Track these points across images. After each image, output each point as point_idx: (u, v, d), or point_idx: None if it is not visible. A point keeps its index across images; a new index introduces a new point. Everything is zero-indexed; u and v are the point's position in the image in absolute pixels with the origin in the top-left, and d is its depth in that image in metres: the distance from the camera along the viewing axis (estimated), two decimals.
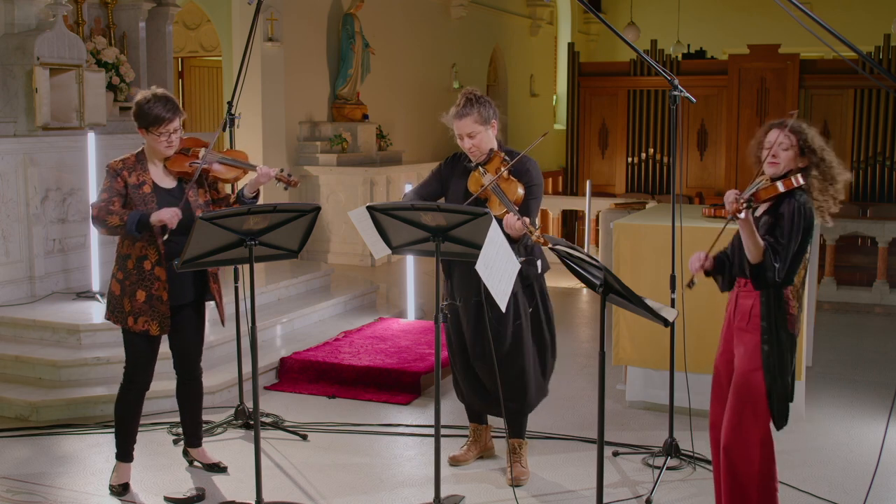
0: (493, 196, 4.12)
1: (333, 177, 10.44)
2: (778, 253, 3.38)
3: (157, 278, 4.11)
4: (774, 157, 3.52)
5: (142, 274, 4.12)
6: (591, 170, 14.21)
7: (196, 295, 4.30)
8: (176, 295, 4.19)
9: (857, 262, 10.05)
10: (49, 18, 6.96)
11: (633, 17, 17.27)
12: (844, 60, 10.53)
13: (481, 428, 4.70)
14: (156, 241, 4.09)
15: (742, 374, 3.51)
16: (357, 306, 7.76)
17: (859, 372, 6.41)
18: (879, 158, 12.88)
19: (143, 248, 4.10)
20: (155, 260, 4.10)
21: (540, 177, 4.32)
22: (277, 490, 4.35)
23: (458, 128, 4.25)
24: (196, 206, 4.20)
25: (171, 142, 4.14)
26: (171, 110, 4.11)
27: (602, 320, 3.32)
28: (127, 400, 4.29)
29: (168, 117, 4.09)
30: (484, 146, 4.25)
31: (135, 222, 4.00)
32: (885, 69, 4.13)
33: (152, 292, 4.12)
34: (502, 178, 4.14)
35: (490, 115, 4.25)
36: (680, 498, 4.27)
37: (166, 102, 4.12)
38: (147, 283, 4.12)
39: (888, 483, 4.41)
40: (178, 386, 4.48)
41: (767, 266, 3.38)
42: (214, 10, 10.59)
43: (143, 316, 4.13)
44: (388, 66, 12.28)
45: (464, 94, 4.29)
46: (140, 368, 4.24)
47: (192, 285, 4.25)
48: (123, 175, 4.13)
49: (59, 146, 6.94)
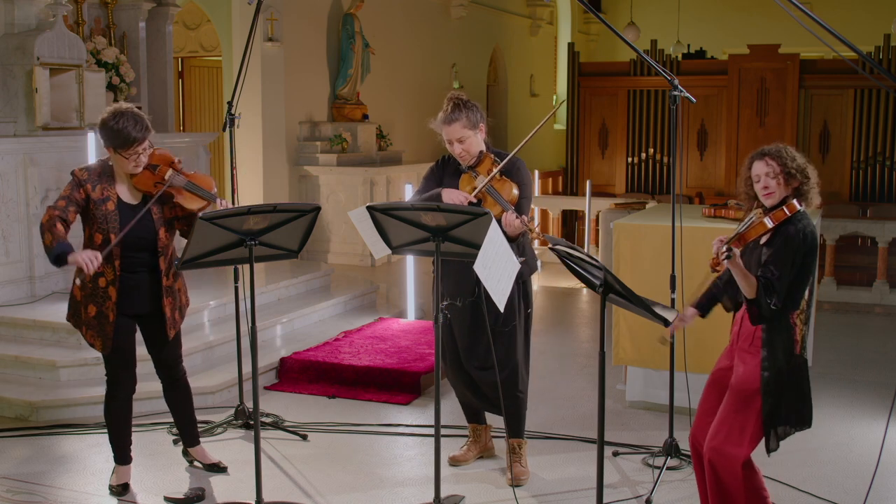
0: (488, 197, 4.14)
1: (333, 177, 10.44)
2: (771, 289, 3.32)
3: (109, 297, 4.06)
4: (766, 188, 3.48)
5: (95, 289, 4.07)
6: (591, 170, 14.21)
7: (152, 306, 4.19)
8: (130, 305, 4.12)
9: (857, 262, 10.05)
10: (49, 18, 6.97)
11: (633, 17, 17.28)
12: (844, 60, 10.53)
13: (480, 428, 4.70)
14: (113, 261, 4.01)
15: (740, 391, 3.46)
16: (357, 306, 7.76)
17: (859, 372, 6.41)
18: (879, 158, 12.88)
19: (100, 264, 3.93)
20: (110, 279, 4.04)
21: (529, 176, 4.36)
22: (277, 490, 4.35)
23: (448, 133, 4.25)
24: (160, 223, 4.12)
25: (139, 162, 4.02)
26: (141, 130, 3.96)
27: (602, 320, 3.32)
28: (114, 407, 4.26)
29: (138, 138, 3.95)
30: (474, 150, 4.27)
31: (55, 256, 3.86)
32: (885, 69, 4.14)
33: (102, 309, 4.07)
34: (496, 178, 4.15)
35: (478, 119, 4.26)
36: (680, 498, 4.27)
37: (136, 122, 3.96)
38: (99, 300, 4.07)
39: (888, 483, 4.41)
40: (164, 390, 4.44)
41: (761, 303, 3.33)
42: (214, 10, 10.59)
43: (91, 330, 4.11)
44: (388, 66, 12.28)
45: (450, 100, 4.28)
46: (119, 373, 4.20)
47: (147, 297, 4.15)
48: (87, 188, 4.01)
49: (59, 146, 6.94)
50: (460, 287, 4.34)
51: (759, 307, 3.34)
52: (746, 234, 3.40)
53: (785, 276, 3.35)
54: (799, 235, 3.37)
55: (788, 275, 3.35)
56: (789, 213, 3.39)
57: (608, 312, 4.08)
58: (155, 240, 4.10)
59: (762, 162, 3.49)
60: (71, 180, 4.06)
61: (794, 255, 3.36)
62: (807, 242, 3.38)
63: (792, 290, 3.39)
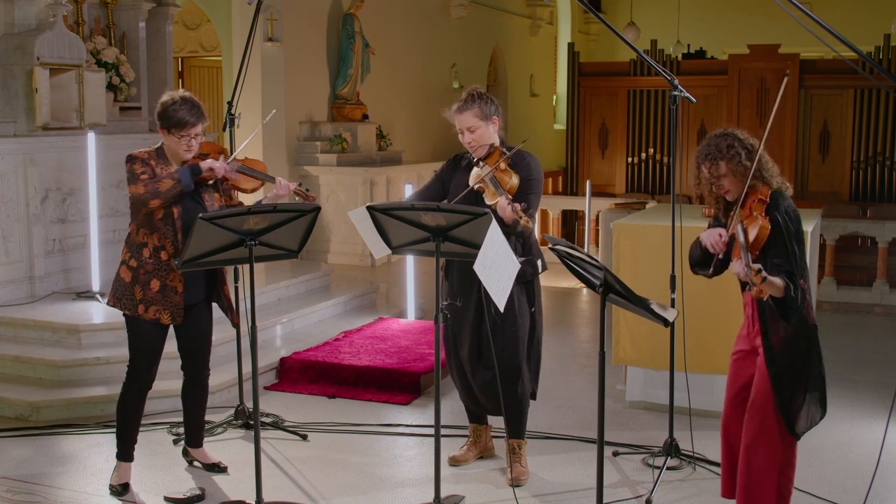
0: (490, 186, 4.15)
1: (333, 177, 10.44)
2: (794, 275, 3.31)
3: (173, 269, 4.14)
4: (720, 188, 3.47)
5: (158, 263, 4.14)
6: (591, 170, 14.22)
7: (206, 294, 4.32)
8: (189, 292, 4.21)
9: (857, 262, 10.06)
10: (49, 18, 6.96)
11: (633, 17, 17.28)
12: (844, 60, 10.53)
13: (481, 428, 4.70)
14: (175, 235, 4.12)
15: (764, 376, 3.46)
16: (357, 306, 7.76)
17: (859, 372, 6.41)
18: (879, 158, 12.89)
19: (160, 238, 4.13)
20: (172, 252, 4.13)
21: (540, 172, 4.36)
22: (277, 490, 4.35)
23: (459, 122, 4.29)
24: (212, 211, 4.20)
25: (190, 146, 4.15)
26: (196, 115, 4.12)
27: (602, 320, 3.32)
28: (129, 399, 4.29)
29: (191, 122, 4.10)
30: (484, 141, 4.28)
31: (187, 172, 4.05)
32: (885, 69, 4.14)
33: (167, 283, 4.15)
34: (499, 168, 4.17)
35: (491, 111, 4.29)
36: (680, 498, 4.27)
37: (192, 107, 4.13)
38: (163, 273, 4.14)
39: (888, 483, 4.41)
40: (185, 386, 4.48)
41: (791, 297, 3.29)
42: (214, 10, 10.59)
43: (154, 305, 4.15)
44: (388, 66, 12.28)
45: (467, 91, 4.35)
46: (143, 364, 4.24)
47: (203, 285, 4.28)
48: (151, 164, 4.15)
49: (59, 146, 6.94)
50: (467, 287, 4.33)
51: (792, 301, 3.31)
52: (755, 243, 3.37)
53: (794, 261, 3.35)
54: (786, 218, 3.38)
55: (797, 258, 3.36)
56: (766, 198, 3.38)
57: (608, 312, 4.08)
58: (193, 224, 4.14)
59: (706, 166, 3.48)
60: (135, 161, 4.12)
61: (791, 239, 3.37)
62: (794, 220, 3.39)
63: None
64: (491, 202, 4.10)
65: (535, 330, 4.42)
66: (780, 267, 3.34)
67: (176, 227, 4.12)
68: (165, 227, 4.13)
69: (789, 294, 3.29)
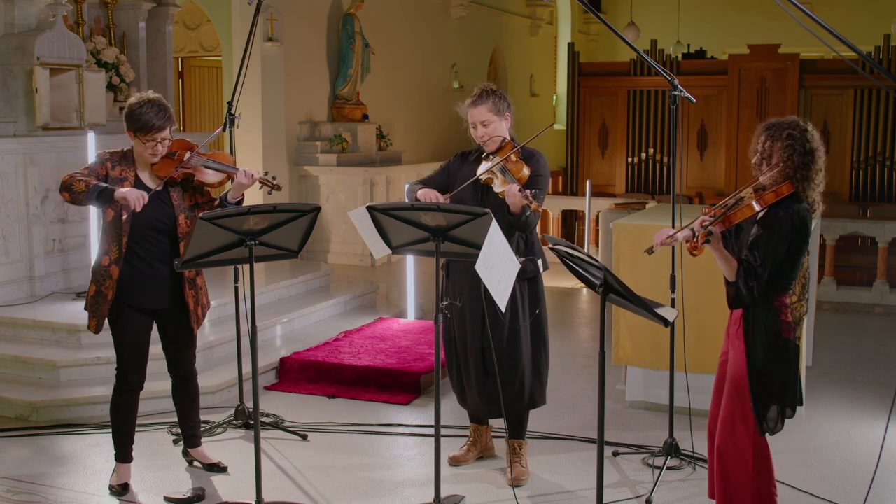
0: (500, 175, 4.17)
1: (333, 177, 10.44)
2: (752, 274, 3.28)
3: (110, 276, 4.07)
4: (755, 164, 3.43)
5: (98, 268, 4.10)
6: (591, 170, 14.21)
7: (174, 300, 4.21)
8: (149, 298, 4.15)
9: (857, 262, 10.05)
10: (49, 18, 6.96)
11: (633, 17, 17.28)
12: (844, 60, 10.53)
13: (482, 428, 4.70)
14: (121, 239, 4.04)
15: (733, 378, 3.46)
16: (357, 306, 7.76)
17: (859, 372, 6.41)
18: (879, 158, 12.88)
19: (108, 242, 4.06)
20: (114, 258, 4.06)
21: (548, 170, 4.38)
22: (277, 490, 4.35)
23: (472, 115, 4.31)
24: (180, 210, 4.15)
25: (156, 151, 4.07)
26: (162, 119, 4.03)
27: (602, 320, 3.32)
28: (121, 402, 4.28)
29: (158, 125, 4.02)
30: (496, 134, 4.29)
31: (98, 190, 3.92)
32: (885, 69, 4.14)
33: (101, 289, 4.09)
34: (510, 160, 4.18)
35: (504, 107, 4.33)
36: (680, 498, 4.27)
37: (160, 110, 4.03)
38: (100, 279, 4.09)
39: (888, 483, 4.41)
40: (173, 389, 4.47)
41: (739, 287, 3.30)
42: (214, 10, 10.59)
43: (89, 310, 4.14)
44: (388, 66, 12.27)
45: (481, 87, 4.38)
46: (129, 368, 4.22)
47: (168, 290, 4.18)
48: (107, 165, 4.09)
49: (59, 146, 6.94)
50: (465, 288, 4.33)
51: (737, 290, 3.32)
52: (733, 216, 3.34)
53: (768, 262, 3.29)
54: (787, 221, 3.30)
55: (773, 261, 3.30)
56: (778, 196, 3.32)
57: (608, 312, 4.08)
58: (174, 225, 4.12)
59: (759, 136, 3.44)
60: (96, 157, 4.15)
61: (779, 241, 3.29)
62: (794, 227, 3.30)
63: (779, 273, 3.33)
64: (500, 189, 4.12)
65: (541, 331, 4.40)
66: (746, 258, 3.31)
67: (122, 230, 4.04)
68: (113, 229, 4.06)
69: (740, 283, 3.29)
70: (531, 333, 4.35)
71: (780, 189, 3.34)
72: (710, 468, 3.73)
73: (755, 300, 3.34)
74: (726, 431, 3.48)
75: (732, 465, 3.47)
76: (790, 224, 3.31)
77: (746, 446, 3.44)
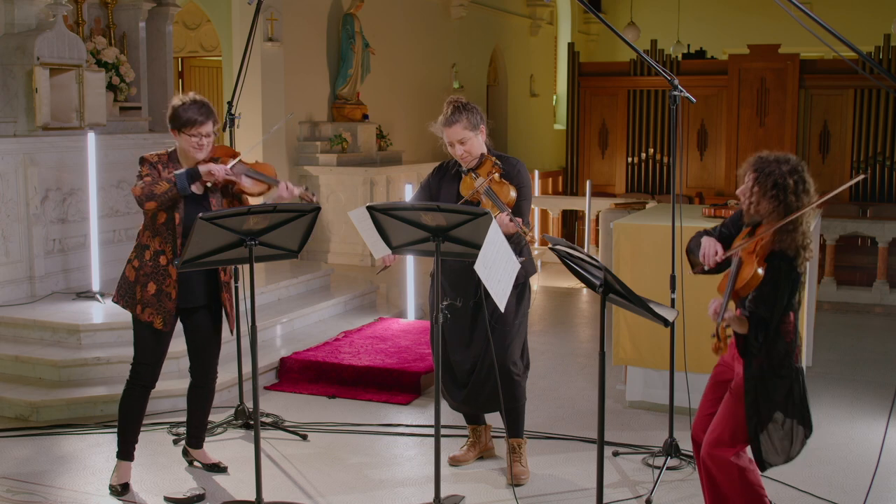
0: (486, 199, 4.15)
1: (333, 177, 10.44)
2: (762, 326, 3.32)
3: (170, 275, 4.17)
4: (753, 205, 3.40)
5: (156, 267, 4.17)
6: (591, 170, 14.22)
7: (208, 299, 4.32)
8: (186, 297, 4.23)
9: (857, 262, 10.06)
10: (49, 18, 6.96)
11: (633, 17, 17.28)
12: (844, 60, 10.53)
13: (480, 429, 4.70)
14: (175, 241, 4.14)
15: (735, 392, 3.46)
16: (357, 306, 7.76)
17: (859, 372, 6.41)
18: (879, 158, 12.89)
19: (161, 243, 4.16)
20: (171, 258, 4.16)
21: (528, 178, 4.39)
22: (277, 490, 4.35)
23: (449, 135, 4.27)
24: None
25: (201, 144, 4.17)
26: (205, 114, 4.17)
27: (602, 320, 3.32)
28: (131, 397, 4.30)
29: (200, 120, 4.14)
30: (475, 151, 4.29)
31: (184, 176, 4.06)
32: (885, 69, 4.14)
33: (163, 287, 4.17)
34: (494, 180, 4.18)
35: (478, 120, 4.29)
36: (680, 498, 4.27)
37: (201, 107, 4.19)
38: (159, 278, 4.17)
39: (888, 483, 4.41)
40: (191, 387, 4.48)
41: (750, 340, 3.33)
42: (214, 10, 10.59)
43: (150, 307, 4.18)
44: (388, 66, 12.28)
45: (450, 103, 4.30)
46: (146, 363, 4.26)
47: (203, 289, 4.28)
48: (158, 168, 4.18)
49: (59, 146, 6.94)
50: (462, 288, 4.34)
51: (748, 342, 3.36)
52: (741, 290, 3.36)
53: (777, 313, 3.33)
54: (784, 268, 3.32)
55: (780, 309, 3.33)
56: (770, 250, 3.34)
57: (608, 312, 4.08)
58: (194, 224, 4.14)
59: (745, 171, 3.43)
60: (144, 164, 4.20)
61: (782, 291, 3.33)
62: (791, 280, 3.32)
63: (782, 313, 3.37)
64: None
65: (524, 331, 4.45)
66: (756, 311, 3.34)
67: (176, 232, 4.14)
68: (167, 231, 4.16)
69: (751, 336, 3.33)
70: (518, 335, 4.39)
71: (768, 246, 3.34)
72: (700, 473, 3.71)
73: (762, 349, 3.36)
74: (712, 440, 3.47)
75: (719, 475, 3.47)
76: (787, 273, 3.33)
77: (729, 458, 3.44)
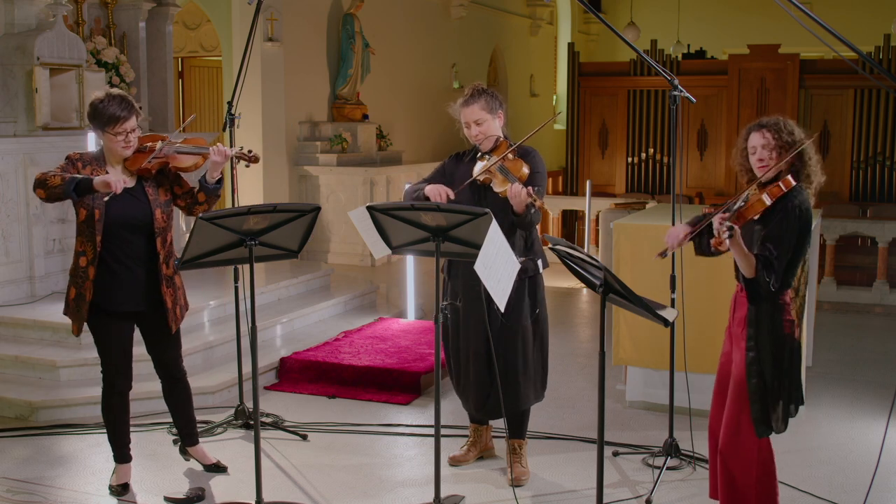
0: (498, 174, 4.14)
1: (333, 177, 10.44)
2: (770, 266, 3.30)
3: (87, 277, 4.04)
4: (761, 160, 3.45)
5: (76, 270, 4.07)
6: (591, 170, 14.21)
7: (151, 302, 4.16)
8: (128, 301, 4.11)
9: (857, 262, 10.05)
10: (49, 18, 6.97)
11: (633, 17, 17.27)
12: (844, 60, 10.53)
13: (481, 428, 4.70)
14: (95, 238, 4.00)
15: (737, 380, 3.47)
16: (357, 306, 7.76)
17: (859, 372, 6.41)
18: (879, 158, 12.88)
19: (82, 242, 4.03)
20: (90, 258, 4.03)
21: (544, 164, 4.35)
22: (277, 490, 4.35)
23: (465, 115, 4.29)
24: (156, 205, 4.11)
25: (128, 142, 4.04)
26: (127, 108, 4.01)
27: (602, 320, 3.32)
28: (111, 405, 4.25)
29: (124, 115, 3.99)
30: (491, 133, 4.28)
31: (75, 181, 3.85)
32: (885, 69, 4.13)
33: (80, 290, 4.06)
34: (507, 158, 4.16)
35: (496, 105, 4.31)
36: (680, 498, 4.27)
37: (122, 101, 4.02)
38: (78, 281, 4.06)
39: (888, 483, 4.41)
40: (164, 391, 4.43)
41: (760, 282, 3.31)
42: (214, 10, 10.59)
43: (71, 314, 4.11)
44: (388, 66, 12.27)
45: (471, 86, 4.36)
46: (114, 372, 4.19)
47: (144, 291, 4.12)
48: (78, 165, 4.05)
49: (59, 146, 6.93)
50: (472, 287, 4.32)
51: (759, 286, 3.33)
52: (745, 211, 3.35)
53: (783, 255, 3.33)
54: (795, 212, 3.34)
55: (787, 253, 3.33)
56: (785, 188, 3.33)
57: (608, 312, 4.08)
58: (150, 221, 4.08)
59: (759, 133, 3.47)
60: (65, 160, 4.09)
61: (790, 233, 3.33)
62: (802, 219, 3.35)
63: (787, 267, 3.37)
64: (500, 189, 4.09)
65: (541, 331, 4.40)
66: (763, 250, 3.33)
67: (96, 228, 4.00)
68: (87, 229, 4.02)
69: (760, 279, 3.31)
70: (532, 333, 4.35)
71: (785, 181, 3.35)
72: (711, 468, 3.73)
73: (772, 294, 3.34)
74: (731, 433, 3.47)
75: (736, 467, 3.48)
76: (798, 216, 3.35)
77: (751, 447, 3.45)
